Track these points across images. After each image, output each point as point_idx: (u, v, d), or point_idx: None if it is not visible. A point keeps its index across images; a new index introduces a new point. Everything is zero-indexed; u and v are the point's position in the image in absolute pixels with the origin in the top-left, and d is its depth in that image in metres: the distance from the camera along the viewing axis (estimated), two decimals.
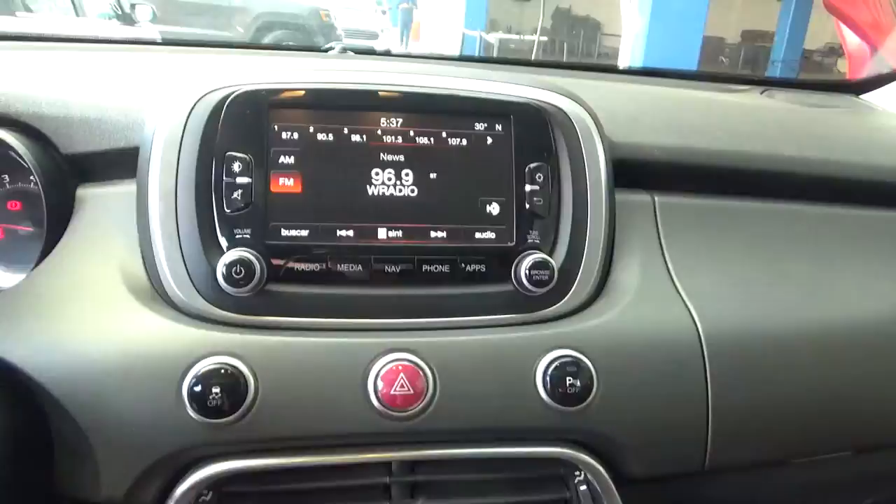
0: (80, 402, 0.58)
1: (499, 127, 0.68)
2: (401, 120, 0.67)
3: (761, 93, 1.21)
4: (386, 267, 0.65)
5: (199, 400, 0.57)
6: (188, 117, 0.64)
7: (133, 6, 5.13)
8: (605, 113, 0.74)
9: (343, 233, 0.65)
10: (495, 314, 0.66)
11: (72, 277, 0.63)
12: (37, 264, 0.65)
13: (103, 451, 0.58)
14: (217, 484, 0.60)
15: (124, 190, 0.67)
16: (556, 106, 0.71)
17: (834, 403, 0.70)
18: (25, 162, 0.67)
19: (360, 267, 0.64)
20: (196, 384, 0.57)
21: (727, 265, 0.74)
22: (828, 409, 0.70)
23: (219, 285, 0.61)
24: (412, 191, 0.66)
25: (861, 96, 1.24)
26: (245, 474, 0.60)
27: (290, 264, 0.63)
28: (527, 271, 0.65)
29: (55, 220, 0.67)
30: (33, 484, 0.58)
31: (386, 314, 0.65)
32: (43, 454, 0.58)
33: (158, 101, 0.65)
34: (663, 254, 0.74)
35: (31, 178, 0.68)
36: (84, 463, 0.58)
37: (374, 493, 0.63)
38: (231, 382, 0.58)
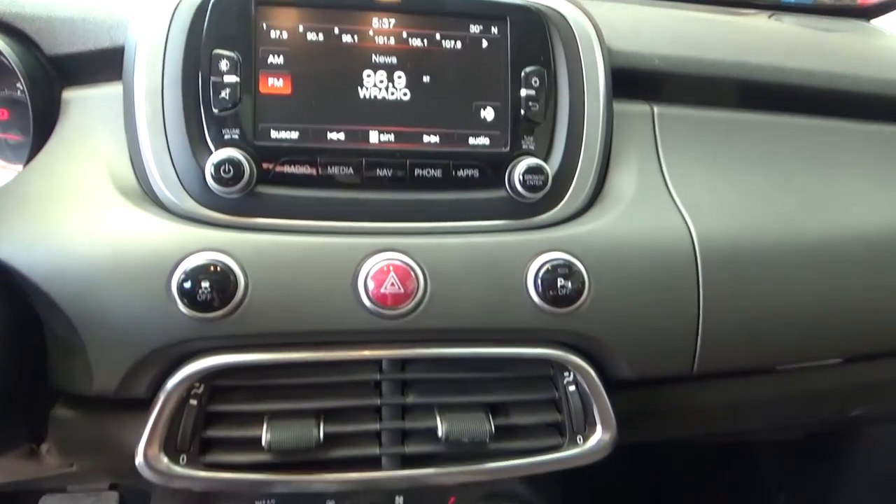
0: (69, 299, 0.58)
1: (495, 30, 0.67)
2: (393, 21, 0.65)
3: (769, 17, 1.17)
4: (377, 170, 0.64)
5: (188, 295, 0.57)
6: (173, 15, 0.62)
7: None
8: (606, 21, 0.72)
9: (334, 135, 0.64)
10: (488, 220, 0.66)
11: (59, 178, 0.62)
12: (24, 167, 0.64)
13: (94, 346, 0.58)
14: (208, 377, 0.60)
15: (110, 91, 0.66)
16: (554, 9, 0.69)
17: (825, 313, 0.70)
18: (9, 62, 0.65)
19: (351, 170, 0.64)
20: (185, 279, 0.57)
21: (725, 176, 0.73)
22: (819, 319, 0.70)
23: (207, 185, 0.61)
24: (405, 94, 0.65)
25: (871, 21, 1.21)
26: (236, 369, 0.61)
27: (280, 166, 0.62)
28: (521, 176, 0.64)
29: (41, 123, 0.66)
30: (27, 379, 0.59)
31: (377, 218, 0.64)
32: (35, 350, 0.59)
33: None
34: (660, 164, 0.73)
35: (17, 84, 0.67)
36: (76, 358, 0.59)
37: (364, 391, 0.64)
38: (220, 278, 0.58)
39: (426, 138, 0.65)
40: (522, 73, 0.66)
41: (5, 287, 0.57)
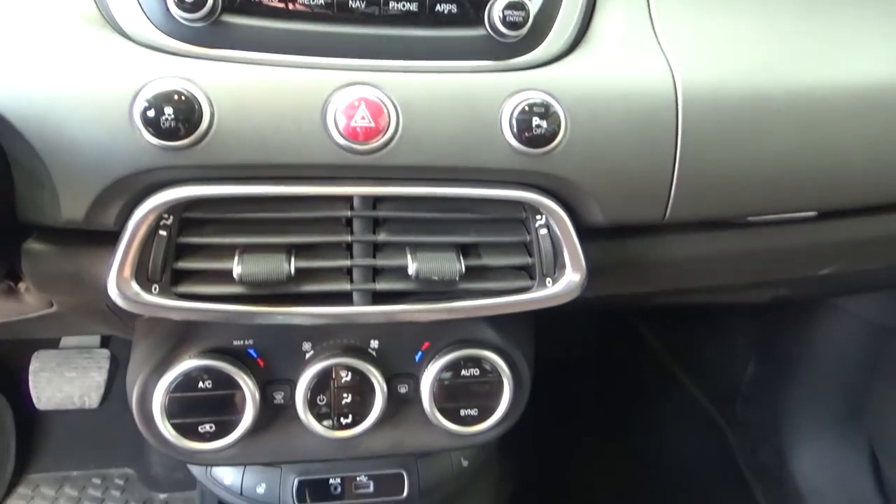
0: (32, 127, 0.56)
1: None
2: None
3: None
4: (351, 2, 0.61)
5: (152, 122, 0.56)
6: None
7: None
8: None
9: None
10: (466, 59, 0.63)
11: (18, 4, 0.59)
12: None
13: (60, 175, 0.58)
14: (177, 209, 0.60)
15: None
16: None
17: (803, 164, 0.69)
18: None
19: (322, 0, 0.60)
20: (148, 107, 0.56)
21: (715, 22, 0.70)
22: (796, 169, 0.69)
23: (169, 11, 0.58)
24: None
25: None
26: (206, 201, 0.60)
27: None
28: (501, 12, 0.61)
29: None
30: None
31: (349, 53, 0.61)
32: (1, 181, 0.58)
33: None
34: (649, 7, 0.69)
35: None
36: (43, 188, 0.58)
37: (335, 227, 0.64)
38: (184, 106, 0.56)
39: None
40: None
41: None
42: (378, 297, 0.66)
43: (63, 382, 1.40)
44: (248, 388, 0.72)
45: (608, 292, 0.81)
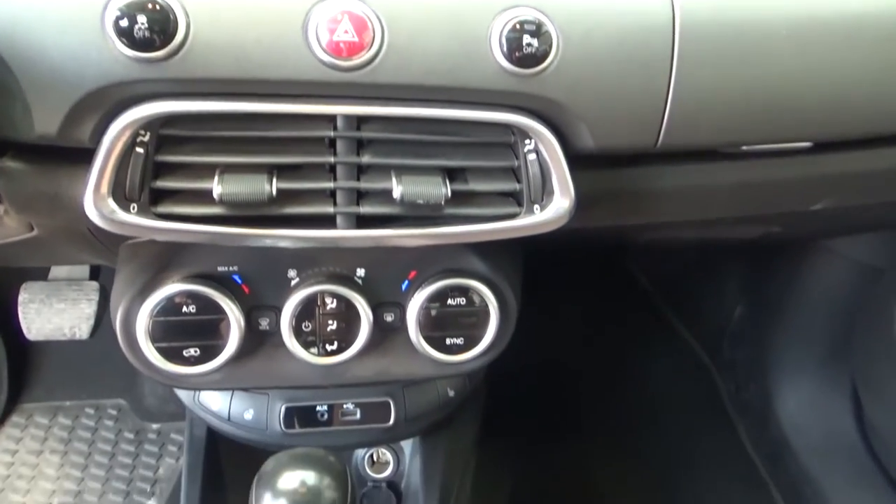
0: (1, 37, 0.54)
1: None
2: None
3: None
4: None
5: (125, 32, 0.53)
6: None
7: None
8: None
9: None
10: None
11: None
12: None
13: (32, 87, 0.56)
14: (154, 125, 0.58)
15: None
16: None
17: (801, 91, 0.67)
18: None
19: None
20: (121, 16, 0.53)
21: None
22: (793, 96, 0.67)
23: None
24: None
25: None
26: (184, 118, 0.59)
27: None
28: None
29: None
30: None
31: None
32: None
33: None
34: None
35: None
36: (14, 100, 0.56)
37: (318, 148, 0.62)
38: (159, 15, 0.54)
39: None
40: None
41: None
42: (362, 222, 0.65)
43: (52, 314, 1.41)
44: (233, 313, 0.72)
45: (597, 224, 0.80)
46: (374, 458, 1.05)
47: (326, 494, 0.57)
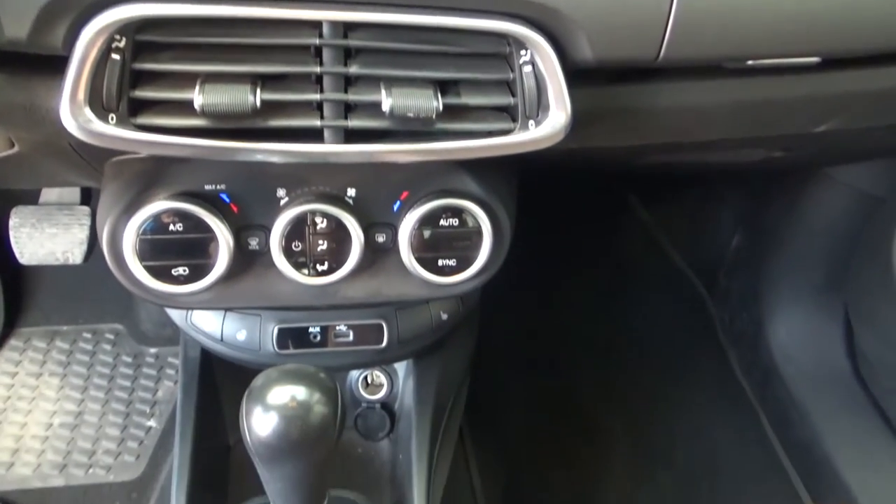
0: None
1: None
2: None
3: None
4: None
5: None
6: None
7: None
8: None
9: None
10: None
11: None
12: None
13: None
14: (129, 30, 0.55)
15: None
16: None
17: (812, 5, 0.64)
18: None
19: None
20: None
21: None
22: (805, 7, 0.64)
23: None
24: None
25: None
26: (161, 22, 0.56)
27: None
28: None
29: None
30: None
31: None
32: None
33: None
34: None
35: None
36: None
37: (303, 57, 0.59)
38: None
39: None
40: None
41: None
42: (351, 137, 0.63)
43: (45, 238, 1.39)
44: (222, 232, 0.71)
45: (594, 144, 0.78)
46: (369, 381, 1.07)
47: (317, 409, 0.57)
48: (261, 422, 0.56)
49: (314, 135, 0.62)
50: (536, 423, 1.53)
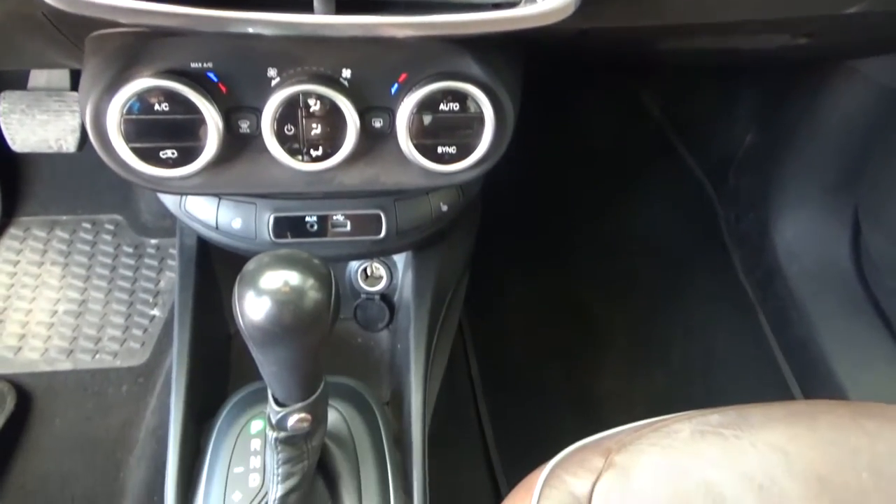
0: None
1: None
2: None
3: None
4: None
5: None
6: None
7: None
8: None
9: None
10: None
11: None
12: None
13: None
14: None
15: None
16: None
17: None
18: None
19: None
20: None
21: None
22: None
23: None
24: None
25: None
26: None
27: None
28: None
29: None
30: None
31: None
32: None
33: None
34: None
35: None
36: None
37: None
38: None
39: None
40: None
41: None
42: (344, 9, 0.58)
43: (36, 125, 1.35)
44: (210, 113, 0.67)
45: (609, 24, 0.72)
46: (368, 272, 1.06)
47: (310, 295, 0.56)
48: (253, 306, 0.55)
49: (304, 6, 0.58)
50: (536, 317, 1.54)
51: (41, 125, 1.36)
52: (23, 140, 1.35)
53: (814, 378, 1.36)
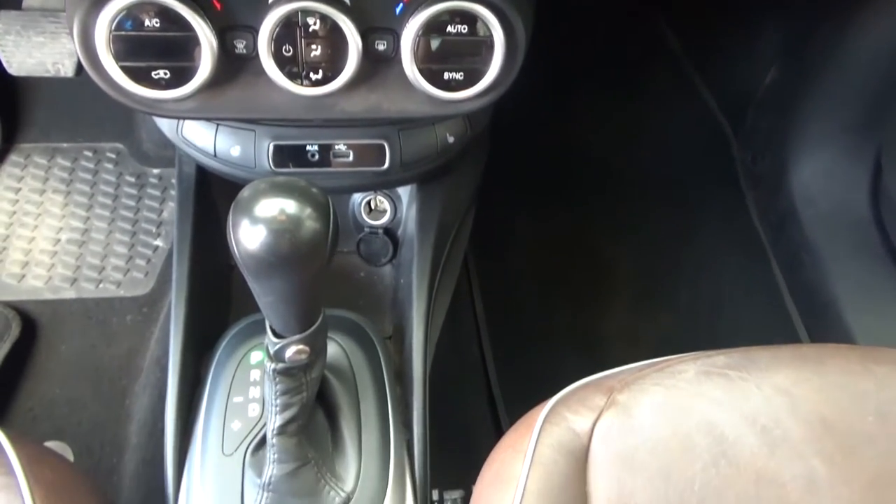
0: None
1: None
2: None
3: None
4: None
5: None
6: None
7: None
8: None
9: None
10: None
11: None
12: None
13: None
14: None
15: None
16: None
17: None
18: None
19: None
20: None
21: None
22: None
23: None
24: None
25: None
26: None
27: None
28: None
29: None
30: None
31: None
32: None
33: None
34: None
35: None
36: None
37: None
38: None
39: None
40: None
41: None
42: None
43: (32, 47, 1.31)
44: (203, 31, 0.64)
45: None
46: (372, 206, 1.04)
47: (307, 225, 0.54)
48: (248, 235, 0.53)
49: None
50: (543, 254, 1.52)
51: (37, 48, 1.32)
52: (19, 63, 1.31)
53: (822, 323, 1.34)
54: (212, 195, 0.96)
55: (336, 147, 0.83)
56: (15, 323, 1.20)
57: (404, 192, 1.02)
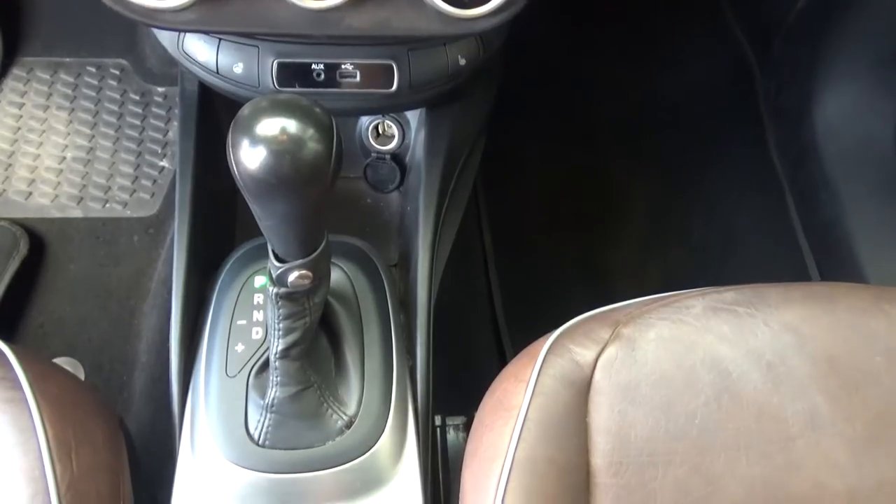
0: None
1: None
2: None
3: None
4: None
5: None
6: None
7: None
8: None
9: None
10: None
11: None
12: None
13: None
14: None
15: None
16: None
17: None
18: None
19: None
20: None
21: None
22: None
23: None
24: None
25: None
26: None
27: None
28: None
29: None
30: None
31: None
32: None
33: None
34: None
35: None
36: None
37: None
38: None
39: None
40: None
41: None
42: None
43: None
44: None
45: None
46: (380, 130, 1.01)
47: (310, 146, 0.52)
48: (248, 155, 0.51)
49: None
50: (555, 185, 1.49)
51: None
52: None
53: (834, 260, 1.32)
54: (216, 114, 0.94)
55: (343, 67, 0.80)
56: (23, 240, 1.20)
57: (413, 116, 0.99)
